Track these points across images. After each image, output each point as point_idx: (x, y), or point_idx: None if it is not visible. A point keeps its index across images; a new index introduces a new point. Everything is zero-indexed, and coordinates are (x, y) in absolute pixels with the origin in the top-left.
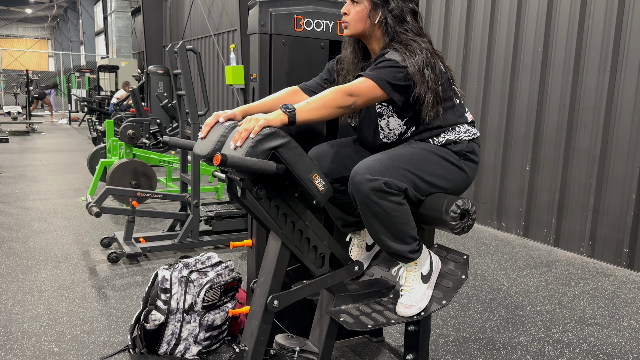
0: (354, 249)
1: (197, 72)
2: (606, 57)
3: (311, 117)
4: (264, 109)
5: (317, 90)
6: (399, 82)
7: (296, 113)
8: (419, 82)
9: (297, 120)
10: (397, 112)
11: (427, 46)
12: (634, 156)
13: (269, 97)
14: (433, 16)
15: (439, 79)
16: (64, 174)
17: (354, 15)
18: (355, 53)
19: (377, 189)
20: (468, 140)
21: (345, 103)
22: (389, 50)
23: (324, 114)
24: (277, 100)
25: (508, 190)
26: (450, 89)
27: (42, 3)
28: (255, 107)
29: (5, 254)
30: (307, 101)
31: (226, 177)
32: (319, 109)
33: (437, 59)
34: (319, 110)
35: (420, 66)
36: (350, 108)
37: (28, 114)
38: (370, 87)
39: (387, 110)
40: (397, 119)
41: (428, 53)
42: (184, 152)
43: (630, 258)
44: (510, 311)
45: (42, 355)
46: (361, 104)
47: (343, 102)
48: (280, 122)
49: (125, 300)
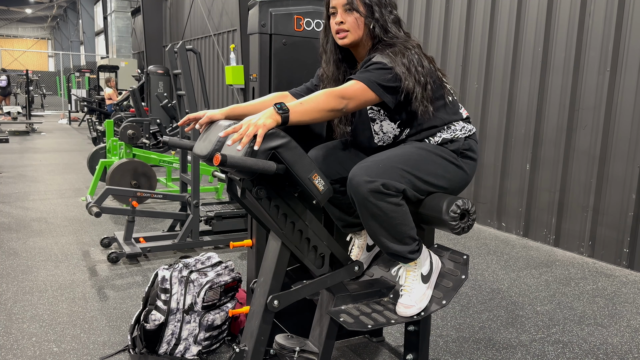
0: (355, 249)
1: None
2: (606, 57)
3: (303, 120)
4: (251, 111)
5: (305, 95)
6: (389, 83)
7: (289, 115)
8: (408, 78)
9: (289, 122)
10: (389, 116)
11: (414, 46)
12: (634, 156)
13: (258, 99)
14: (433, 16)
15: (428, 75)
16: (64, 174)
17: (352, 23)
18: (338, 66)
19: (375, 191)
20: (465, 137)
21: (338, 106)
22: (375, 54)
23: (316, 116)
24: (265, 103)
25: (508, 190)
26: (442, 87)
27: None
28: (242, 108)
29: (5, 254)
30: (300, 101)
31: (226, 177)
32: (311, 111)
33: (425, 58)
34: (311, 113)
35: (407, 64)
36: (342, 111)
37: (28, 114)
38: (361, 90)
39: (379, 114)
40: (389, 122)
41: (414, 52)
42: (184, 152)
43: (630, 258)
44: (510, 311)
45: (42, 355)
46: (353, 107)
47: (335, 104)
48: (275, 122)
49: (125, 300)
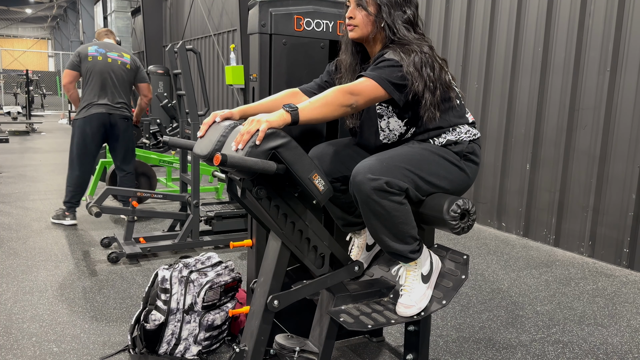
0: (354, 249)
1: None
2: (606, 57)
3: (314, 117)
4: (262, 109)
5: (317, 92)
6: (400, 81)
7: (299, 112)
8: (417, 80)
9: (300, 120)
10: (397, 113)
11: (427, 48)
12: (634, 156)
13: (269, 98)
14: (433, 16)
15: (437, 79)
16: (64, 174)
17: (362, 19)
18: (354, 56)
19: (378, 189)
20: (469, 141)
21: (347, 102)
22: (388, 51)
23: (327, 112)
24: (276, 101)
25: (508, 190)
26: (451, 90)
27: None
28: (254, 107)
29: (5, 254)
30: (310, 100)
31: (226, 177)
32: (321, 107)
33: (437, 61)
34: (321, 109)
35: (419, 64)
36: (352, 107)
37: (28, 114)
38: (371, 87)
39: (387, 111)
40: (397, 119)
41: (427, 54)
42: (184, 152)
43: (630, 258)
44: (510, 311)
45: (42, 355)
46: (363, 103)
47: (345, 101)
48: (283, 121)
49: (125, 300)
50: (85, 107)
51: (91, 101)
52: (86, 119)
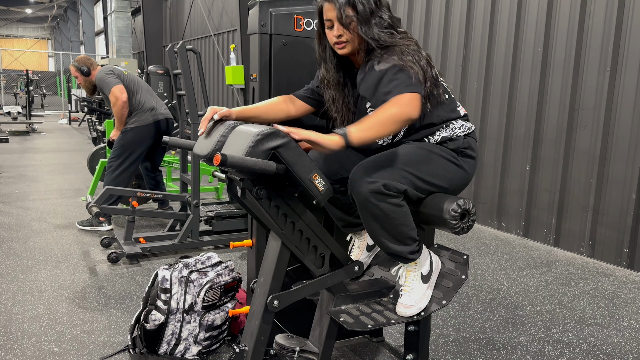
0: (355, 250)
1: (197, 72)
2: (606, 57)
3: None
4: (260, 112)
5: (310, 96)
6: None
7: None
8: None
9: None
10: None
11: (414, 45)
12: (634, 156)
13: (265, 101)
14: (433, 16)
15: (426, 73)
16: (64, 174)
17: (349, 35)
18: (338, 70)
19: (376, 191)
20: (464, 135)
21: (400, 128)
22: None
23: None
24: (272, 105)
25: (508, 190)
26: (439, 85)
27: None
28: (251, 109)
29: (5, 254)
30: (363, 128)
31: (226, 177)
32: (376, 138)
33: (424, 56)
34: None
35: (410, 62)
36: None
37: (28, 114)
38: (408, 98)
39: None
40: None
41: (412, 50)
42: (184, 152)
43: (630, 258)
44: (510, 311)
45: (42, 355)
46: (416, 115)
47: (397, 128)
48: (335, 144)
49: (125, 300)
50: (149, 110)
51: (154, 106)
52: (156, 123)
